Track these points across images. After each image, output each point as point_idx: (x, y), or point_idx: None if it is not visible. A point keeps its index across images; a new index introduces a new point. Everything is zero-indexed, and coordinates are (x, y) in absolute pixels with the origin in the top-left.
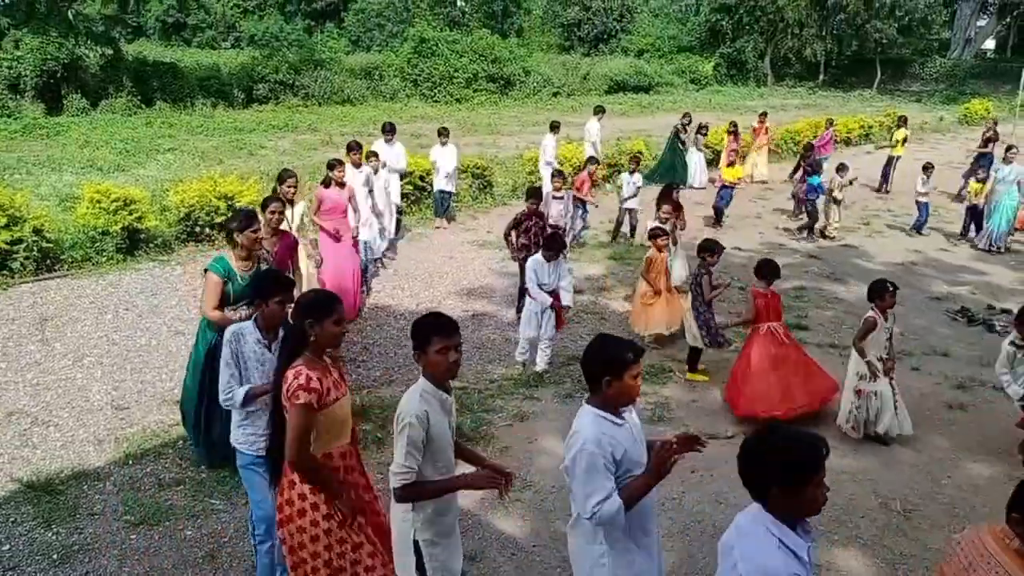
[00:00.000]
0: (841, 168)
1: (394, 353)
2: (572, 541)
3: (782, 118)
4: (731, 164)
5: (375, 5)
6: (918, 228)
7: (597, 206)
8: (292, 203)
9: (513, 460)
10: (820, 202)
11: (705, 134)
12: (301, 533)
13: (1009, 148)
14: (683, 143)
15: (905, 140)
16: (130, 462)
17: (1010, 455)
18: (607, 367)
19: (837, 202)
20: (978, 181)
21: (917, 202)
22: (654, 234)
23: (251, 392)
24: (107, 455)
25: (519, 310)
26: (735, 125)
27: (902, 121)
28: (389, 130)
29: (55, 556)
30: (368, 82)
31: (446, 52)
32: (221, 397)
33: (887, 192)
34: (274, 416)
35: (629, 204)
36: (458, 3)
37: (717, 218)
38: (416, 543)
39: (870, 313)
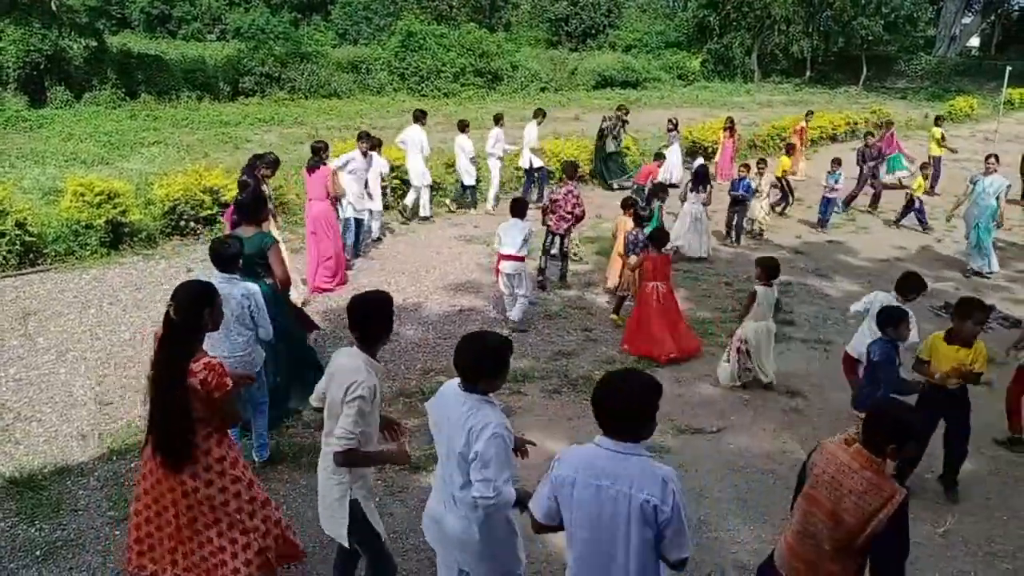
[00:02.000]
0: (761, 163)
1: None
2: (479, 531)
3: (768, 115)
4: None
5: None
6: (823, 223)
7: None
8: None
9: None
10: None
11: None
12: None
13: (989, 158)
14: (615, 138)
15: (942, 139)
16: (114, 458)
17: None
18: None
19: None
20: None
21: (824, 197)
22: (624, 204)
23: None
24: (91, 450)
25: (542, 286)
26: (731, 121)
27: (938, 120)
28: (421, 116)
29: (38, 552)
30: (355, 76)
31: (434, 46)
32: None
33: (936, 193)
34: (159, 393)
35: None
36: None
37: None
38: (354, 502)
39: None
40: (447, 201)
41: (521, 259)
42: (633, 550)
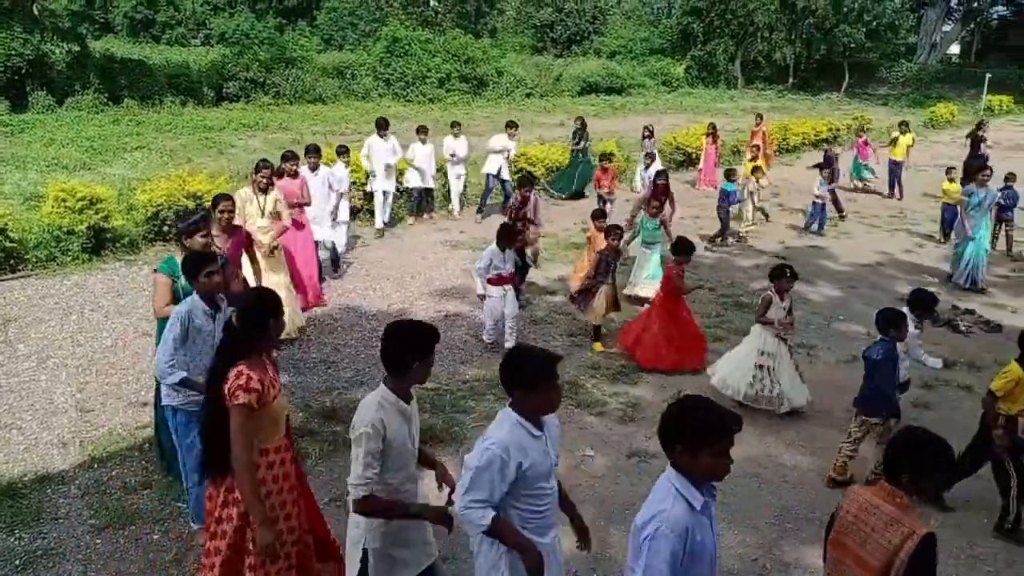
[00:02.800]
0: (756, 171)
1: (365, 354)
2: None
3: (751, 121)
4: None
5: (347, 4)
6: (817, 227)
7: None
8: (266, 191)
9: None
10: (738, 208)
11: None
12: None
13: (982, 169)
14: (582, 151)
15: (908, 146)
16: (95, 465)
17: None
18: (522, 378)
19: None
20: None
21: (813, 202)
22: (595, 215)
23: (186, 382)
24: (72, 458)
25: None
26: (714, 127)
27: (904, 126)
28: (383, 125)
29: (18, 562)
30: (340, 81)
31: (419, 52)
32: (162, 365)
33: (899, 199)
34: (209, 413)
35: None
36: (431, 3)
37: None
38: (364, 552)
39: (768, 293)
40: (452, 207)
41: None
42: None
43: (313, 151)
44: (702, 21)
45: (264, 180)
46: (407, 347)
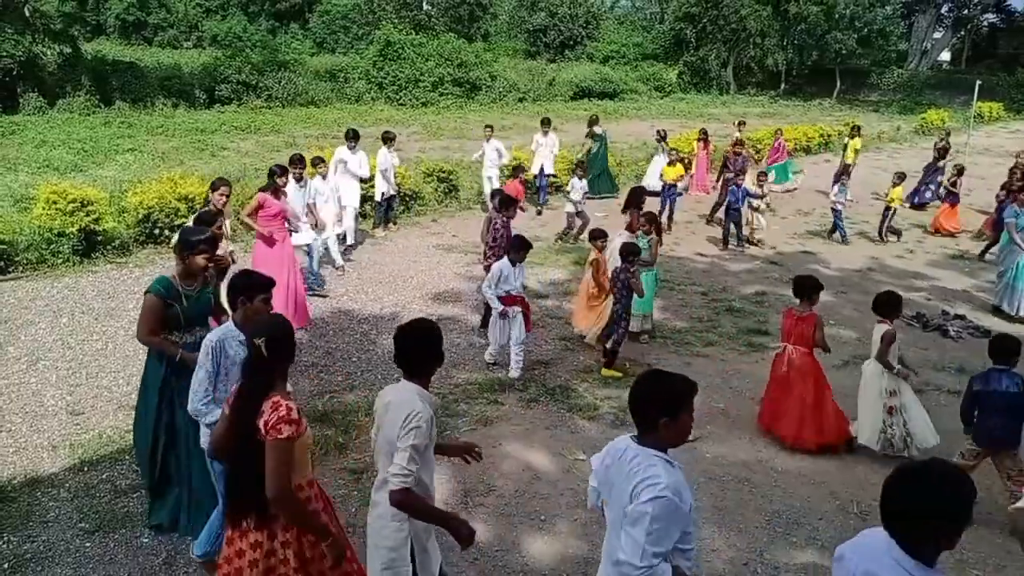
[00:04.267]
0: (761, 175)
1: (357, 358)
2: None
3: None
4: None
5: (340, 7)
6: (837, 237)
7: (525, 211)
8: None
9: (476, 465)
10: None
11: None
12: None
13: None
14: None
15: (857, 151)
16: (85, 468)
17: (964, 459)
18: (665, 407)
19: (756, 209)
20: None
21: (833, 210)
22: (594, 235)
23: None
24: (61, 461)
25: (484, 323)
26: (705, 133)
27: (856, 131)
28: (352, 137)
29: (6, 565)
30: (333, 84)
31: (412, 55)
32: (196, 404)
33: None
34: (239, 450)
35: (576, 208)
36: (424, 6)
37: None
38: (414, 552)
39: (888, 327)
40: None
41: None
42: None
43: (298, 161)
44: (695, 27)
45: (222, 202)
46: (432, 348)
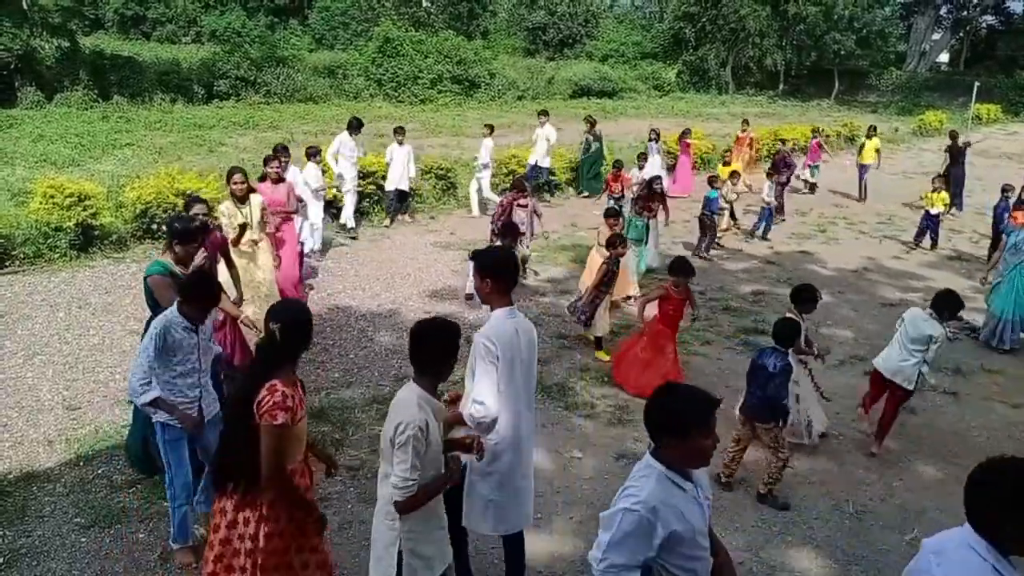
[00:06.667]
0: (734, 176)
1: (354, 354)
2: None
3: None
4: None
5: (339, 3)
6: (760, 233)
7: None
8: (245, 200)
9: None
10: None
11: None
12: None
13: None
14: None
15: (878, 150)
16: (81, 463)
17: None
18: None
19: (722, 210)
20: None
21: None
22: (609, 213)
23: (158, 402)
24: (58, 456)
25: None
26: (687, 133)
27: (872, 130)
28: (355, 126)
29: (2, 559)
30: (331, 80)
31: (411, 52)
32: (134, 382)
33: (863, 199)
34: (233, 428)
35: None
36: (423, 3)
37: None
38: (400, 553)
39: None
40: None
41: None
42: None
43: (282, 150)
44: (694, 26)
45: (240, 188)
46: (448, 347)
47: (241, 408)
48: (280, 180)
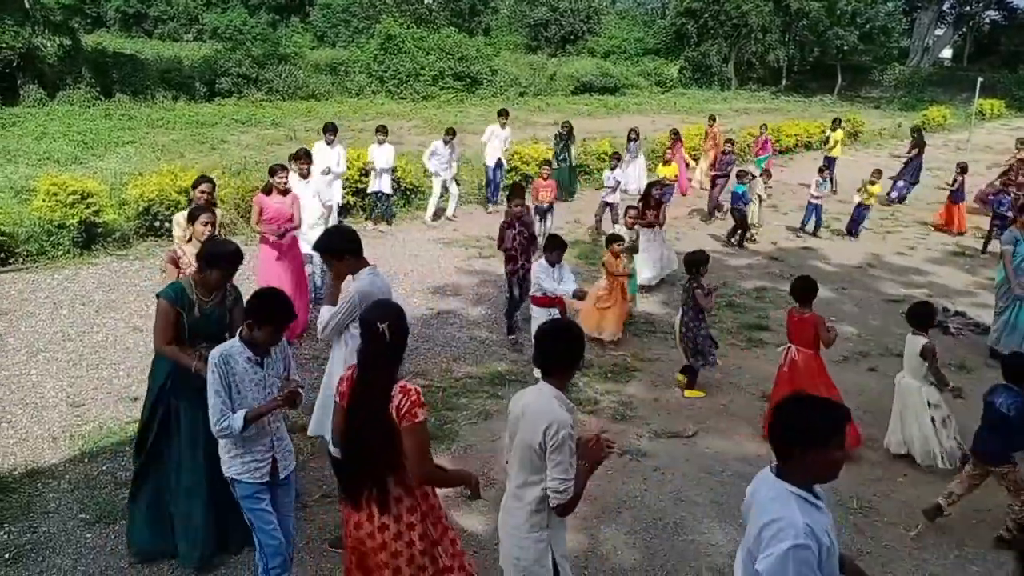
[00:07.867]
0: (747, 173)
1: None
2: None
3: (745, 122)
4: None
5: (341, 0)
6: (810, 228)
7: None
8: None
9: (476, 458)
10: (749, 209)
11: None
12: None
13: None
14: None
15: (839, 142)
16: (86, 460)
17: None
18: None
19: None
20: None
21: (809, 203)
22: (610, 240)
23: (249, 415)
24: (62, 452)
25: (511, 330)
26: (677, 133)
27: (836, 123)
28: (331, 130)
29: (7, 555)
30: (333, 78)
31: (413, 49)
32: (215, 428)
33: (833, 193)
34: (361, 435)
35: (609, 198)
36: (425, 0)
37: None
38: (554, 561)
39: (926, 340)
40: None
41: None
42: None
43: (304, 156)
44: (696, 22)
45: (208, 199)
46: (576, 348)
47: (376, 416)
48: (286, 192)
